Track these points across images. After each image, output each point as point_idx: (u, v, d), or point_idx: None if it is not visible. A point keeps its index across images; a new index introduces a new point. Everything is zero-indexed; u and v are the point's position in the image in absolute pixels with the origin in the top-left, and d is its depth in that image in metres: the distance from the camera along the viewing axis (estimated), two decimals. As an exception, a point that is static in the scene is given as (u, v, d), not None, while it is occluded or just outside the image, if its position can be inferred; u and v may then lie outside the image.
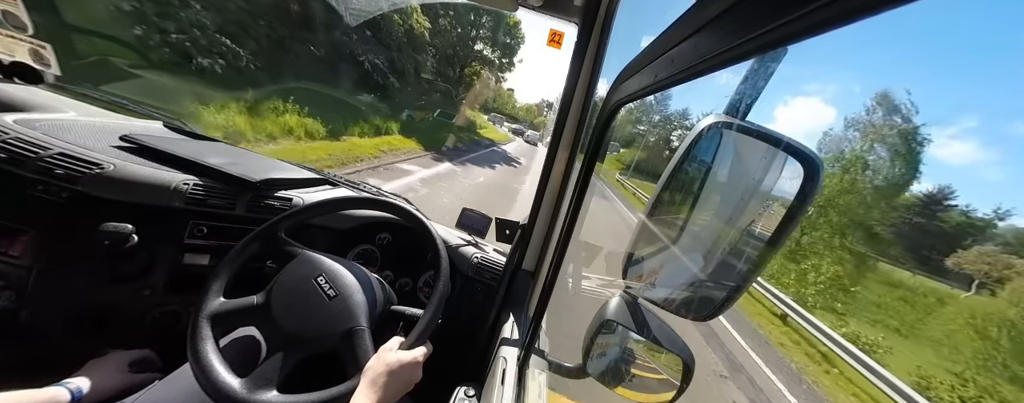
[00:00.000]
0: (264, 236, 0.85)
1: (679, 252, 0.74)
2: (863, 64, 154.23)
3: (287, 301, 0.75)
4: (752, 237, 0.55)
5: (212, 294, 0.76)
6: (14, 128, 0.94)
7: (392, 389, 0.61)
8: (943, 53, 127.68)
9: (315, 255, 0.83)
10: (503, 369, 0.79)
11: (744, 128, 0.56)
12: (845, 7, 0.19)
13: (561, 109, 0.94)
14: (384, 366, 0.63)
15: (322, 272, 0.79)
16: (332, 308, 0.75)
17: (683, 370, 0.65)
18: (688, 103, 49.01)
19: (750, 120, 0.51)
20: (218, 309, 0.74)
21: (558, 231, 0.93)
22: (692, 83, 0.38)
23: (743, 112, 0.50)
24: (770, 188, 0.54)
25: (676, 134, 35.65)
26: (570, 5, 0.85)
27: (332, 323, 0.73)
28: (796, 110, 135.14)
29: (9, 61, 1.15)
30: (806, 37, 0.22)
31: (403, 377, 0.64)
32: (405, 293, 1.26)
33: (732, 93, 0.51)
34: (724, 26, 0.29)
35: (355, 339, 0.73)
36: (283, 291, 0.76)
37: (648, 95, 0.50)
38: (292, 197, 1.16)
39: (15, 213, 0.88)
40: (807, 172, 0.45)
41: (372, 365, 0.64)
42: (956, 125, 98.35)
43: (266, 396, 0.64)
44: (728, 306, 0.55)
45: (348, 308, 0.76)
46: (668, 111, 47.36)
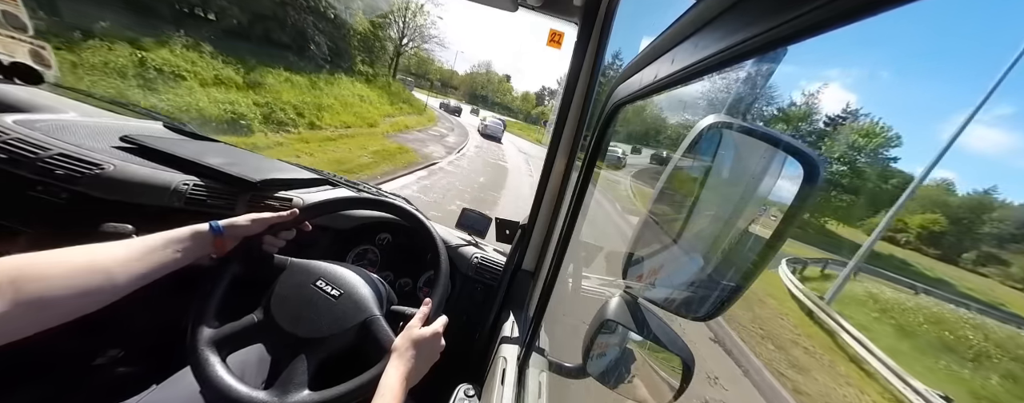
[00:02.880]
0: None
1: (679, 252, 0.74)
2: (862, 65, 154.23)
3: (292, 310, 0.74)
4: (752, 237, 0.55)
5: (204, 322, 0.72)
6: (14, 128, 0.94)
7: (422, 359, 0.66)
8: (943, 54, 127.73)
9: (305, 262, 0.82)
10: (503, 369, 0.79)
11: (744, 128, 0.56)
12: (845, 7, 0.19)
13: (561, 109, 0.94)
14: (409, 341, 0.66)
15: (319, 276, 0.79)
16: (340, 306, 0.75)
17: (683, 370, 0.65)
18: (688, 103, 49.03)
19: (750, 120, 0.51)
20: (216, 336, 0.70)
21: (558, 231, 0.93)
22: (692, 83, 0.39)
23: (743, 112, 0.50)
24: (769, 188, 0.55)
25: (672, 135, 34.94)
26: (570, 5, 0.85)
27: (345, 320, 0.74)
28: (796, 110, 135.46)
29: (9, 61, 1.15)
30: (806, 37, 0.22)
31: (430, 347, 0.68)
32: (405, 293, 1.26)
33: (732, 93, 0.51)
34: (724, 26, 0.30)
35: (373, 327, 0.74)
36: (283, 301, 0.75)
37: (648, 95, 0.50)
38: (292, 197, 1.16)
39: (15, 213, 0.88)
40: (807, 172, 0.45)
41: (398, 343, 0.67)
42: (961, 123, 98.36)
43: (298, 397, 0.64)
44: (728, 306, 0.55)
45: (356, 302, 0.76)
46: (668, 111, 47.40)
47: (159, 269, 0.62)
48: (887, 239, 39.09)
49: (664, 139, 38.76)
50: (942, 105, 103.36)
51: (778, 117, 43.14)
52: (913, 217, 43.86)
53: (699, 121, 0.57)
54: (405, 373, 0.62)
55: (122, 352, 1.03)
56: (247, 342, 0.74)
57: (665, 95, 0.47)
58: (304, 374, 0.67)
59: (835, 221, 38.14)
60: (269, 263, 0.80)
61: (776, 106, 45.09)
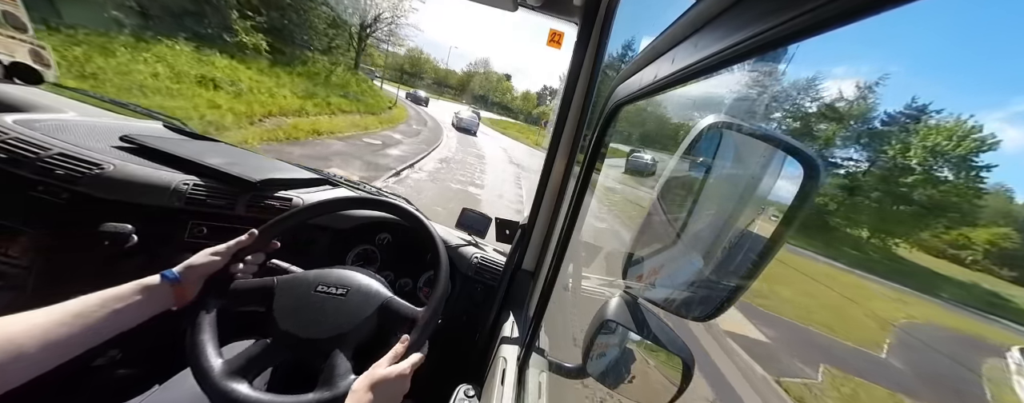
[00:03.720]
0: None
1: (679, 252, 0.74)
2: (863, 63, 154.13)
3: (305, 319, 0.72)
4: (752, 237, 0.55)
5: (211, 358, 0.65)
6: (14, 128, 0.94)
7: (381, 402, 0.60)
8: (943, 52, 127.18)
9: (293, 275, 0.80)
10: (503, 369, 0.79)
11: (744, 128, 0.56)
12: (845, 7, 0.19)
13: (561, 109, 0.94)
14: (369, 382, 0.60)
15: (317, 282, 0.78)
16: (351, 301, 0.76)
17: (683, 370, 0.65)
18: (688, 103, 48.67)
19: (750, 120, 0.51)
20: (235, 366, 0.65)
21: (558, 231, 0.93)
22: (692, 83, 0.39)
23: (743, 112, 0.50)
24: (769, 188, 0.55)
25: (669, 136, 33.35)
26: (570, 5, 0.85)
27: (362, 309, 0.75)
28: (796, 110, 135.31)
29: (9, 61, 1.15)
30: (806, 37, 0.22)
31: (391, 390, 0.62)
32: (405, 293, 1.26)
33: (732, 93, 0.51)
34: (724, 26, 0.30)
35: (392, 306, 0.76)
36: (289, 314, 0.73)
37: (648, 95, 0.50)
38: (292, 197, 1.16)
39: (15, 213, 0.88)
40: (806, 173, 0.45)
41: (357, 385, 0.61)
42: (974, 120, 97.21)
43: (346, 382, 0.64)
44: (728, 306, 0.55)
45: (366, 293, 0.77)
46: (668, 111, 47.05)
47: (92, 336, 0.53)
48: (949, 257, 33.03)
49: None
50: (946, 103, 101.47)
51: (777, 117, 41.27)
52: (976, 231, 35.14)
53: (699, 122, 0.57)
54: None
55: (120, 353, 1.03)
56: (269, 364, 0.71)
57: (701, 93, 0.47)
58: (346, 363, 0.68)
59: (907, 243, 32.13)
60: (255, 294, 0.76)
61: (776, 106, 43.45)
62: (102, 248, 0.87)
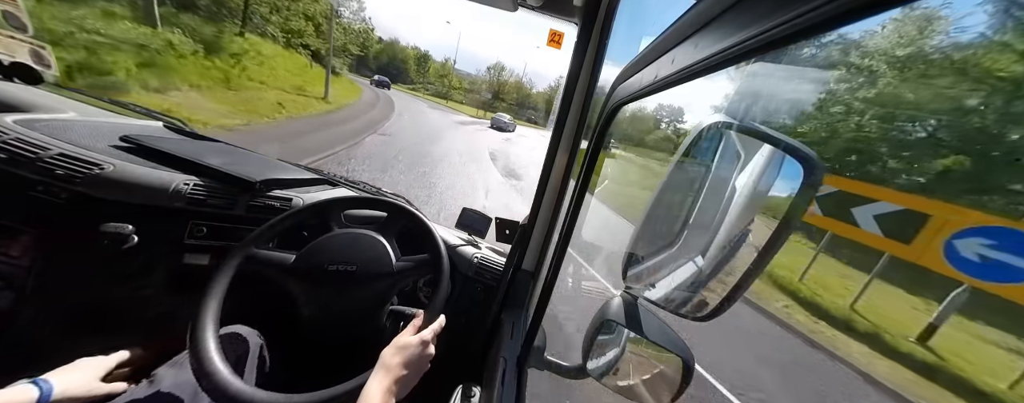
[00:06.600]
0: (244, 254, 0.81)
1: (679, 252, 0.74)
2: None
3: (334, 306, 0.81)
4: (752, 237, 0.55)
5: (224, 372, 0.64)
6: (14, 128, 0.94)
7: (409, 369, 0.64)
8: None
9: (307, 249, 0.86)
10: (503, 369, 0.79)
11: (744, 128, 0.56)
12: (845, 7, 0.19)
13: (561, 109, 0.94)
14: (396, 349, 0.65)
15: (327, 258, 0.84)
16: (367, 272, 0.84)
17: (683, 370, 0.65)
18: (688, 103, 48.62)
19: (750, 120, 0.51)
20: None
21: (558, 231, 0.93)
22: (692, 83, 0.38)
23: (743, 112, 0.50)
24: (769, 188, 0.54)
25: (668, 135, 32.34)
26: (570, 5, 0.85)
27: (382, 283, 0.84)
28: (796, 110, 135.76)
29: (9, 61, 1.15)
30: (806, 37, 0.22)
31: (418, 356, 0.67)
32: (405, 293, 1.26)
33: (732, 93, 0.51)
34: (724, 26, 0.30)
35: (402, 274, 0.86)
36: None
37: (648, 95, 0.50)
38: (292, 197, 1.16)
39: (15, 213, 0.88)
40: (807, 173, 0.45)
41: (385, 352, 0.65)
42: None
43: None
44: (728, 306, 0.55)
45: (377, 263, 0.86)
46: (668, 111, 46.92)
47: None
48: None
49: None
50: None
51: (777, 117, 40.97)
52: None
53: (699, 121, 0.57)
54: (388, 385, 0.60)
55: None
56: None
57: (701, 93, 0.47)
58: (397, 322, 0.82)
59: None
60: None
61: (776, 106, 43.08)
62: (102, 248, 0.87)
